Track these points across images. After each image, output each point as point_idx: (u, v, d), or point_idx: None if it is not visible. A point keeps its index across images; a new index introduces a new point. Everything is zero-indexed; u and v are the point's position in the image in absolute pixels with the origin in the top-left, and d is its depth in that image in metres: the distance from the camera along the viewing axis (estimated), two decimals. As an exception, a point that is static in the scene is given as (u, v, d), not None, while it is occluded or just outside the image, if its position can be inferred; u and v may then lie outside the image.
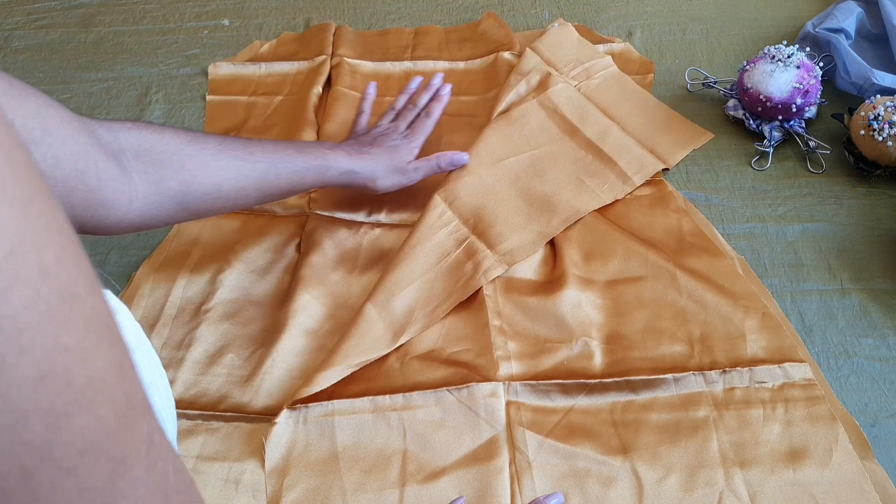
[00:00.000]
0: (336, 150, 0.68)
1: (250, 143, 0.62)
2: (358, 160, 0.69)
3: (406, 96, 0.83)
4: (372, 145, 0.72)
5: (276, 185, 0.63)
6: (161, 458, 0.26)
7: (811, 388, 0.60)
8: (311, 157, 0.65)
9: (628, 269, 0.69)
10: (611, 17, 1.01)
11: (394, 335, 0.64)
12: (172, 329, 0.67)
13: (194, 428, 0.60)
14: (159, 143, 0.56)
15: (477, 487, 0.56)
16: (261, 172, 0.61)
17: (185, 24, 1.04)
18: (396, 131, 0.76)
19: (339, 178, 0.68)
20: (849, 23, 0.89)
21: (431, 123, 0.79)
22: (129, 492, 0.24)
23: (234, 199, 0.61)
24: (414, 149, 0.75)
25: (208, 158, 0.58)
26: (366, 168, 0.69)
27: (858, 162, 0.77)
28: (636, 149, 0.80)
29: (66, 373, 0.21)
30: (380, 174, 0.70)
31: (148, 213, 0.56)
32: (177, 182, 0.56)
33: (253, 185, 0.61)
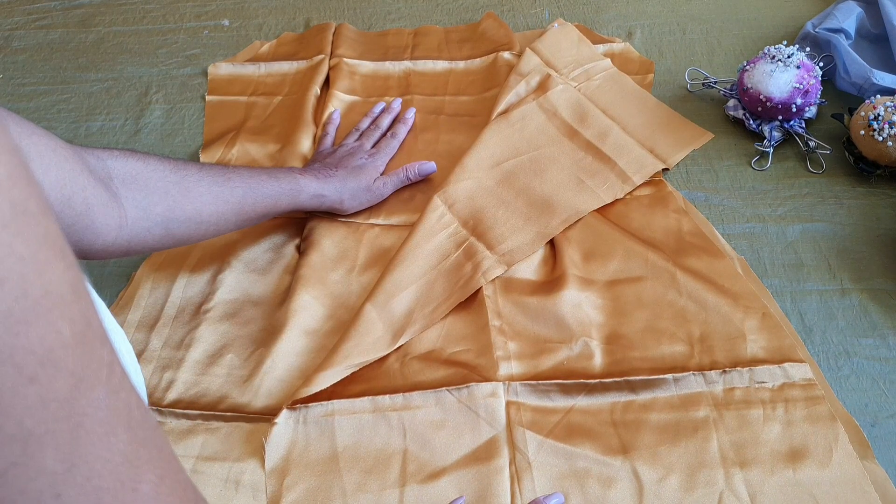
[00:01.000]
0: (305, 175, 0.70)
1: (227, 169, 0.65)
2: (325, 183, 0.71)
3: (370, 119, 0.85)
4: (337, 167, 0.74)
5: (252, 210, 0.65)
6: (123, 390, 0.26)
7: (811, 388, 0.60)
8: (284, 182, 0.67)
9: (628, 269, 0.69)
10: (611, 17, 1.01)
11: (393, 336, 0.64)
12: (172, 329, 0.67)
13: (194, 428, 0.60)
14: (145, 169, 0.58)
15: (477, 487, 0.56)
16: (238, 198, 0.64)
17: (185, 24, 1.04)
18: (361, 150, 0.78)
19: (310, 201, 0.70)
20: (849, 23, 0.89)
21: (396, 144, 0.82)
22: (91, 411, 0.24)
23: (216, 225, 0.63)
24: (379, 167, 0.77)
25: (191, 185, 0.60)
26: (333, 191, 0.71)
27: (858, 162, 0.77)
28: (636, 149, 0.80)
29: (21, 280, 0.22)
30: (346, 196, 0.73)
31: (136, 239, 0.57)
32: (162, 208, 0.58)
33: (231, 211, 0.63)
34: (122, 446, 0.26)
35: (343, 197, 0.72)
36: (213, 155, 0.84)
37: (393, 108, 0.86)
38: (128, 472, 0.26)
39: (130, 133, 0.89)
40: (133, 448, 0.26)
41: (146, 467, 0.27)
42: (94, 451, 0.24)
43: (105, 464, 0.25)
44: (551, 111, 0.83)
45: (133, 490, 0.26)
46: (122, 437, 0.26)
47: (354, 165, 0.75)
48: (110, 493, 0.25)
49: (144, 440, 0.27)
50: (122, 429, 0.26)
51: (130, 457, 0.26)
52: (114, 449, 0.25)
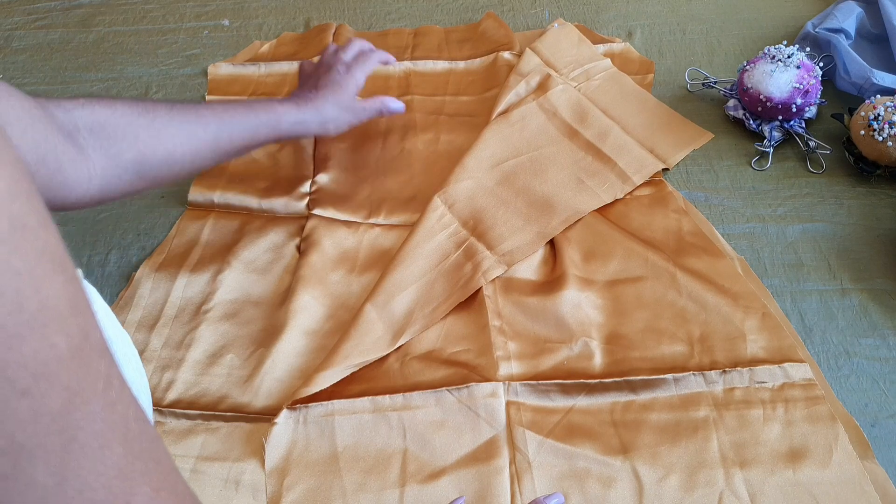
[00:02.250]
0: (285, 104, 0.70)
1: (200, 106, 0.65)
2: (306, 109, 0.70)
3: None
4: (317, 88, 0.73)
5: (229, 144, 0.65)
6: (121, 402, 0.26)
7: (811, 389, 0.60)
8: (261, 113, 0.67)
9: (628, 269, 0.69)
10: (611, 17, 1.01)
11: (393, 336, 0.64)
12: (172, 329, 0.67)
13: (194, 428, 0.60)
14: (112, 117, 0.58)
15: (477, 487, 0.56)
16: (213, 134, 0.63)
17: (185, 24, 1.04)
18: (340, 62, 0.76)
19: (291, 129, 0.69)
20: (849, 23, 0.89)
21: (376, 58, 0.79)
22: (86, 424, 0.24)
23: (191, 163, 0.63)
24: (358, 80, 0.75)
25: (161, 127, 0.60)
26: (315, 115, 0.71)
27: (858, 162, 0.77)
28: (636, 149, 0.80)
29: (17, 295, 0.22)
30: (329, 116, 0.72)
31: (107, 187, 0.58)
32: (132, 154, 0.58)
33: (207, 147, 0.63)
34: (117, 459, 0.26)
35: (326, 118, 0.72)
36: (213, 155, 0.84)
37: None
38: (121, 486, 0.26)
39: (130, 133, 0.89)
40: (128, 461, 0.26)
41: (141, 480, 0.26)
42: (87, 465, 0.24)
43: (98, 477, 0.25)
44: (551, 111, 0.83)
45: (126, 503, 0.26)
46: (117, 450, 0.26)
47: (333, 81, 0.74)
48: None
49: (141, 453, 0.27)
50: (117, 442, 0.26)
51: (125, 470, 0.26)
52: (108, 462, 0.25)
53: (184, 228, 0.76)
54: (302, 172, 0.80)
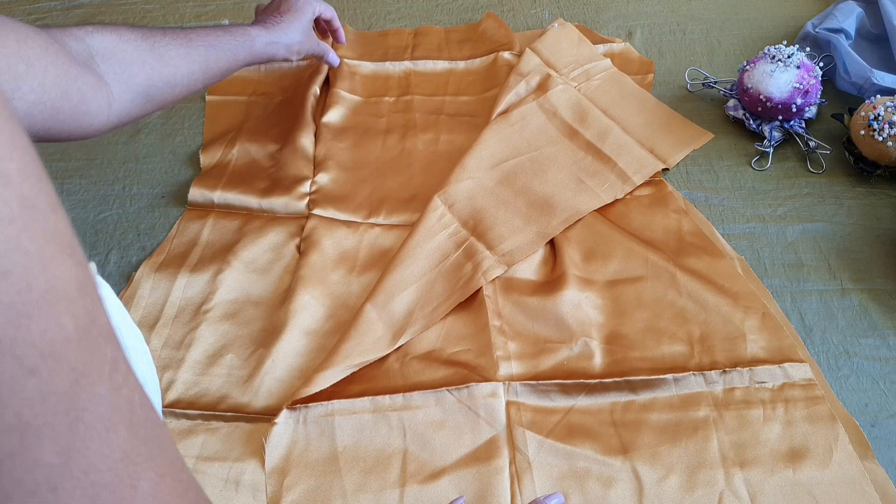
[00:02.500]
0: (255, 26, 0.75)
1: (188, 31, 0.68)
2: (274, 31, 0.75)
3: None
4: (280, 13, 0.78)
5: (217, 66, 0.69)
6: (127, 387, 0.26)
7: (811, 389, 0.60)
8: (237, 35, 0.71)
9: (628, 269, 0.69)
10: (611, 17, 1.01)
11: (393, 336, 0.64)
12: (172, 329, 0.67)
13: (194, 428, 0.60)
14: (119, 42, 0.60)
15: (477, 487, 0.56)
16: (203, 56, 0.67)
17: (185, 24, 1.04)
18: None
19: (264, 50, 0.74)
20: (849, 23, 0.89)
21: (332, 10, 0.85)
22: (92, 406, 0.25)
23: (187, 86, 0.66)
24: (314, 6, 0.81)
25: (162, 50, 0.63)
26: (283, 36, 0.76)
27: (858, 162, 0.77)
28: (636, 149, 0.80)
29: (26, 274, 0.22)
30: (294, 40, 0.77)
31: (124, 112, 0.61)
32: (142, 77, 0.62)
33: (199, 70, 0.67)
34: (122, 443, 0.26)
35: (291, 42, 0.77)
36: (213, 155, 0.84)
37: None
38: (126, 469, 0.26)
39: (131, 133, 0.89)
40: (133, 445, 0.26)
41: (146, 465, 0.26)
42: (93, 446, 0.25)
43: (103, 459, 0.25)
44: (551, 111, 0.83)
45: (131, 487, 0.26)
46: (122, 433, 0.26)
47: (294, 7, 0.79)
48: (108, 488, 0.25)
49: (146, 438, 0.27)
50: (122, 426, 0.26)
51: (130, 454, 0.26)
52: (113, 445, 0.25)
53: (184, 228, 0.76)
54: (302, 172, 0.80)
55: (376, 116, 0.88)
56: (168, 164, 0.85)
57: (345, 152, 0.84)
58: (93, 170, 0.85)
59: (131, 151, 0.87)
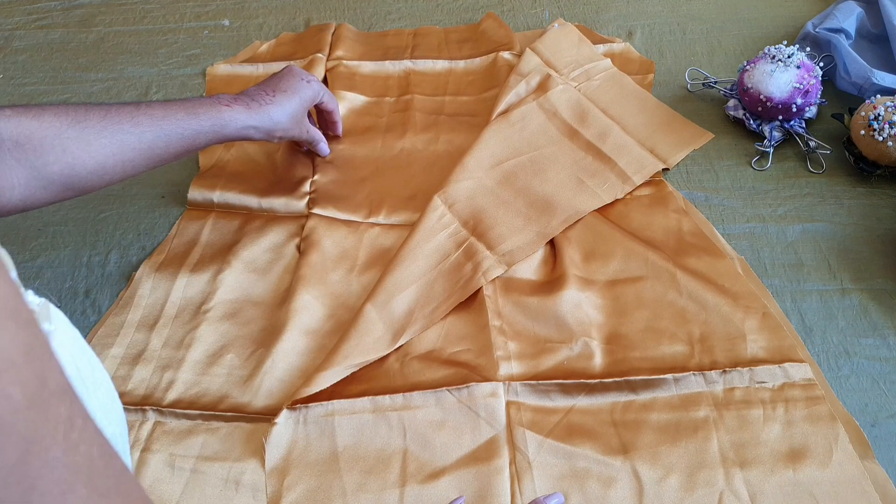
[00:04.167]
0: (234, 105, 0.67)
1: (137, 110, 0.62)
2: (257, 113, 0.68)
3: None
4: (275, 91, 0.71)
5: (165, 152, 0.63)
6: (84, 442, 0.26)
7: (811, 389, 0.60)
8: (204, 118, 0.65)
9: (628, 269, 0.69)
10: (611, 17, 1.01)
11: (393, 336, 0.64)
12: (172, 329, 0.67)
13: (194, 428, 0.60)
14: (39, 128, 0.57)
15: (477, 487, 0.56)
16: (147, 143, 0.61)
17: (185, 24, 1.04)
18: (305, 73, 0.75)
19: (236, 133, 0.67)
20: (849, 23, 0.89)
21: (336, 103, 0.80)
22: (46, 472, 0.24)
23: (122, 172, 0.62)
24: (317, 91, 0.74)
25: (91, 137, 0.59)
26: (265, 120, 0.69)
27: (858, 162, 0.77)
28: (636, 149, 0.80)
29: None
30: (280, 125, 0.70)
31: (31, 197, 0.58)
32: (59, 166, 0.58)
33: (141, 157, 0.62)
34: (81, 501, 0.25)
35: (275, 127, 0.70)
36: (212, 154, 0.84)
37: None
38: None
39: (130, 133, 0.89)
40: (93, 500, 0.26)
41: None
42: None
43: None
44: (551, 111, 0.83)
45: None
46: (80, 492, 0.25)
47: (293, 87, 0.72)
48: None
49: (107, 490, 0.26)
50: (80, 484, 0.25)
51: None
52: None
53: (184, 228, 0.76)
54: (302, 172, 0.80)
55: (376, 116, 0.88)
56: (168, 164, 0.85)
57: (344, 152, 0.84)
58: (93, 170, 0.84)
59: (131, 151, 0.86)
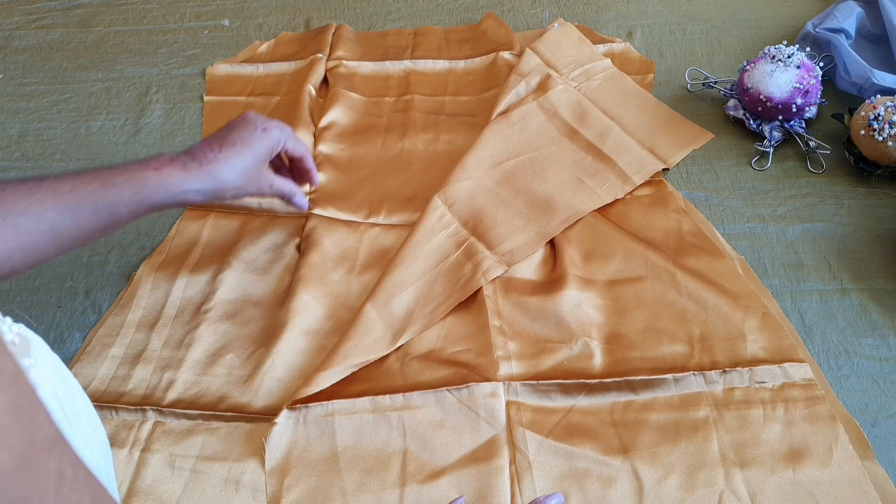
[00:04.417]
0: (166, 168, 0.57)
1: (40, 186, 0.51)
2: (198, 173, 0.58)
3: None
4: (221, 146, 0.60)
5: (76, 231, 0.53)
6: (76, 492, 0.26)
7: (811, 389, 0.60)
8: (123, 187, 0.54)
9: (628, 269, 0.69)
10: (611, 17, 1.01)
11: (393, 336, 0.64)
12: (172, 329, 0.67)
13: (194, 428, 0.60)
14: None
15: (477, 487, 0.56)
16: (49, 223, 0.51)
17: (185, 24, 1.04)
18: (261, 119, 0.63)
19: (170, 200, 0.57)
20: (849, 23, 0.89)
21: (304, 147, 0.68)
22: None
23: (24, 261, 0.51)
24: (274, 140, 0.63)
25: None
26: (207, 181, 0.58)
27: (858, 162, 0.77)
28: (636, 149, 0.80)
29: None
30: (228, 184, 0.59)
31: None
32: None
33: (43, 240, 0.51)
34: None
35: (221, 187, 0.59)
36: (213, 155, 0.84)
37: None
38: None
39: (130, 133, 0.89)
40: None
41: None
42: None
43: None
44: (551, 111, 0.83)
45: None
46: None
47: (243, 139, 0.61)
48: None
49: None
50: None
51: None
52: None
53: (184, 228, 0.76)
54: (302, 172, 0.80)
55: (376, 116, 0.88)
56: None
57: (344, 152, 0.84)
58: (93, 170, 0.84)
59: (131, 151, 0.87)
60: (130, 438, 0.60)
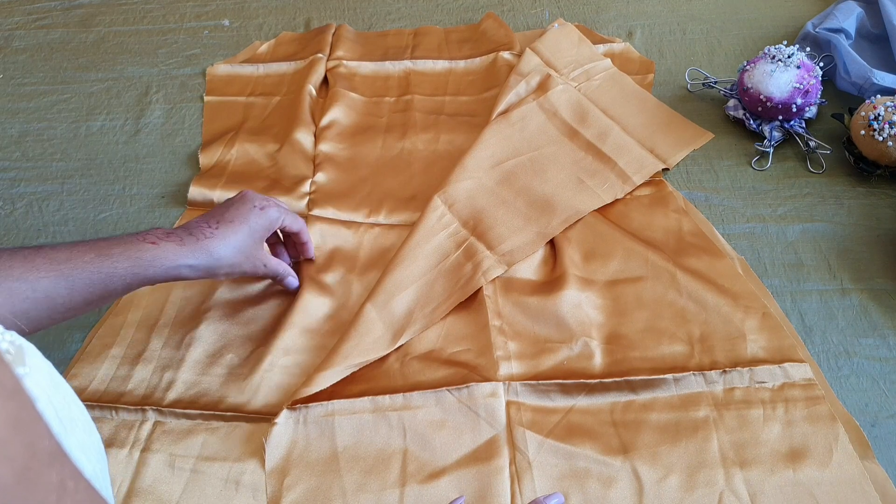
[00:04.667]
0: (163, 242, 0.56)
1: (37, 253, 0.52)
2: (194, 249, 0.57)
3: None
4: (219, 223, 0.60)
5: (70, 300, 0.52)
6: (77, 503, 0.26)
7: (811, 388, 0.60)
8: (119, 259, 0.54)
9: (628, 269, 0.69)
10: (611, 17, 1.01)
11: (393, 336, 0.64)
12: (172, 329, 0.67)
13: (194, 428, 0.60)
14: None
15: (477, 487, 0.56)
16: (44, 291, 0.51)
17: (185, 24, 1.04)
18: (260, 198, 0.63)
19: (165, 274, 0.56)
20: (849, 23, 0.89)
21: (302, 223, 0.67)
22: None
23: (15, 328, 0.48)
24: (273, 220, 0.63)
25: None
26: (203, 258, 0.58)
27: (858, 162, 0.77)
28: (636, 149, 0.80)
29: None
30: (223, 261, 0.59)
31: None
32: None
33: (36, 308, 0.51)
34: None
35: (217, 264, 0.59)
36: (212, 155, 0.84)
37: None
38: None
39: (130, 133, 0.89)
40: None
41: None
42: None
43: None
44: (551, 111, 0.83)
45: None
46: None
47: (241, 217, 0.61)
48: None
49: None
50: None
51: None
52: None
53: (184, 228, 0.76)
54: (301, 172, 0.80)
55: (376, 116, 0.88)
56: (168, 164, 0.85)
57: (344, 152, 0.84)
58: (93, 170, 0.85)
59: (131, 151, 0.87)
60: (130, 438, 0.59)
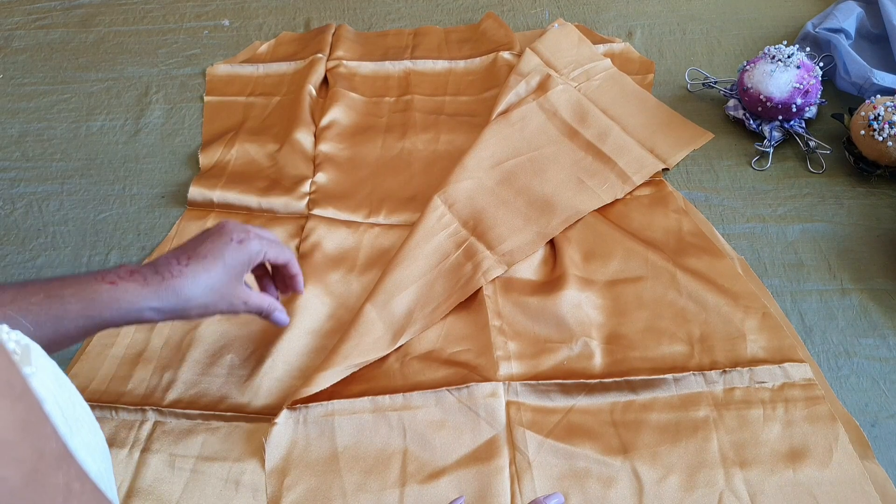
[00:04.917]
0: (123, 282, 0.50)
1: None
2: (158, 289, 0.51)
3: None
4: (189, 258, 0.53)
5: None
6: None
7: (811, 388, 0.60)
8: (71, 301, 0.48)
9: (628, 269, 0.69)
10: (611, 17, 1.01)
11: (393, 336, 0.64)
12: (173, 329, 0.67)
13: (194, 428, 0.60)
14: None
15: (477, 487, 0.56)
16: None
17: (185, 24, 1.04)
18: (238, 229, 0.57)
19: (125, 317, 0.50)
20: (849, 23, 0.89)
21: (289, 253, 0.61)
22: None
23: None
24: (252, 253, 0.56)
25: None
26: (169, 298, 0.51)
27: (858, 162, 0.77)
28: (636, 149, 0.80)
29: None
30: (193, 301, 0.52)
31: None
32: None
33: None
34: None
35: (186, 305, 0.52)
36: (212, 155, 0.84)
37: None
38: None
39: (130, 133, 0.89)
40: None
41: None
42: None
43: None
44: (551, 111, 0.83)
45: None
46: None
47: (216, 251, 0.54)
48: None
49: None
50: None
51: None
52: None
53: (184, 228, 0.76)
54: (301, 172, 0.80)
55: (376, 116, 0.88)
56: (168, 164, 0.85)
57: (344, 152, 0.84)
58: (93, 170, 0.85)
59: (131, 151, 0.87)
60: (130, 438, 0.59)
